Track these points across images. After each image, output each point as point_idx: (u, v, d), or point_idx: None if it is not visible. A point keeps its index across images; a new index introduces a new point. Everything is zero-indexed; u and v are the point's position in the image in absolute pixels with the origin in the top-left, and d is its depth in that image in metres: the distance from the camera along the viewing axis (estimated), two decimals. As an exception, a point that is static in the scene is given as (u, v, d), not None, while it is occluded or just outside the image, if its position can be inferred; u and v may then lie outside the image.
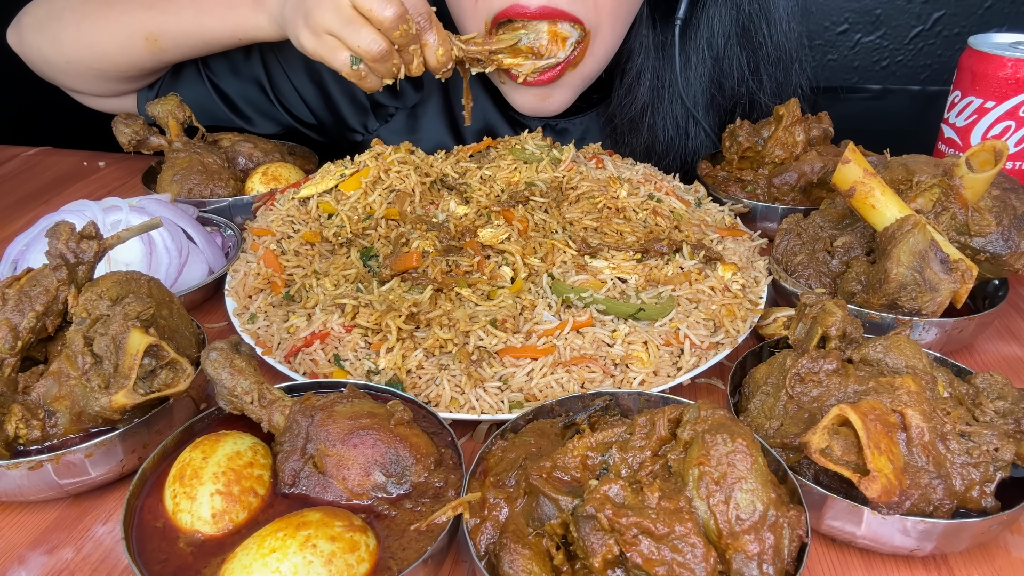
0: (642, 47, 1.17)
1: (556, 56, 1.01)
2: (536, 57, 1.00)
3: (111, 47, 1.18)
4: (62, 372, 0.66)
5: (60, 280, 0.69)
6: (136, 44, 1.16)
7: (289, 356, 0.80)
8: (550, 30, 0.99)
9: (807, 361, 0.66)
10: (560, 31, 0.99)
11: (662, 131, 1.21)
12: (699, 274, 0.88)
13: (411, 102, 1.31)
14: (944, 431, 0.60)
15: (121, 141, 1.19)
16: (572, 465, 0.58)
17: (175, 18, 1.13)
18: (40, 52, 1.23)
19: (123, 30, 1.15)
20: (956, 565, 0.62)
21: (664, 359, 0.78)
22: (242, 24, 1.09)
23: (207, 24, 1.11)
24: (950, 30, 1.50)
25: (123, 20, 1.15)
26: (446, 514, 0.56)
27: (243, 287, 0.91)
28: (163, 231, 0.94)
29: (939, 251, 0.78)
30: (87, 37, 1.18)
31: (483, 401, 0.74)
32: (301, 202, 1.04)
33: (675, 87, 1.18)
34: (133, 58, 1.18)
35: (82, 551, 0.64)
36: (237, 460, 0.60)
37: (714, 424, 0.54)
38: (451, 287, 0.84)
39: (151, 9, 1.14)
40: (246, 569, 0.51)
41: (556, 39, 0.99)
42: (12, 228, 1.19)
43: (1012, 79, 1.01)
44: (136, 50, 1.17)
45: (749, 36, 1.17)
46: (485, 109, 1.29)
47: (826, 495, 0.59)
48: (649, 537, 0.50)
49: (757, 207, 1.09)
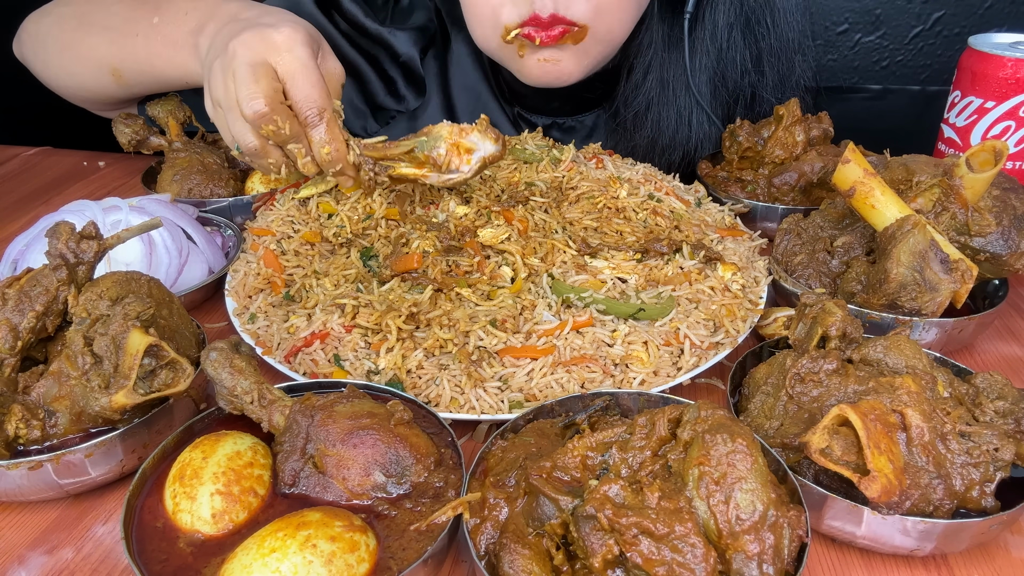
0: (651, 42, 1.17)
1: (460, 170, 0.89)
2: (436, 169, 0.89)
3: (87, 79, 1.18)
4: (62, 372, 0.66)
5: (60, 280, 0.69)
6: (105, 77, 1.15)
7: (289, 356, 0.80)
8: (451, 142, 0.88)
9: (807, 361, 0.66)
10: (464, 143, 0.88)
11: (667, 125, 1.21)
12: (699, 274, 0.88)
13: (413, 106, 1.30)
14: (944, 431, 0.60)
15: (121, 141, 1.19)
16: (572, 465, 0.58)
17: (131, 57, 1.10)
18: (35, 71, 1.25)
19: (93, 63, 1.15)
20: (956, 565, 0.62)
21: (664, 359, 0.78)
22: (184, 68, 1.04)
23: (157, 66, 1.08)
24: (950, 30, 1.50)
25: (92, 54, 1.14)
26: (446, 514, 0.56)
27: (243, 287, 0.91)
28: (163, 231, 0.94)
29: (939, 251, 0.78)
30: (67, 67, 1.18)
31: (483, 401, 0.74)
32: (301, 202, 1.04)
33: (680, 81, 1.17)
34: (107, 89, 1.18)
35: (82, 551, 0.64)
36: (237, 460, 0.60)
37: (714, 424, 0.54)
38: (451, 287, 0.84)
39: (112, 44, 1.12)
40: (246, 569, 0.51)
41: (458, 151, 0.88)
42: (12, 228, 1.19)
43: (1012, 79, 1.01)
44: (106, 82, 1.16)
45: (753, 27, 1.17)
46: (489, 108, 1.29)
47: (826, 495, 0.59)
48: (649, 537, 0.50)
49: (757, 207, 1.09)
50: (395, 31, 1.24)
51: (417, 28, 1.26)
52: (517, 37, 1.04)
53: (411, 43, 1.25)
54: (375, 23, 1.23)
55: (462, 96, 1.29)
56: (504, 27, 1.04)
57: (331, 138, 0.85)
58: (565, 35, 1.04)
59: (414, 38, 1.25)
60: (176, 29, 1.02)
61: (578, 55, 1.09)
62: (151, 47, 1.07)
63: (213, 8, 0.99)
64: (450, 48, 1.29)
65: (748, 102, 1.24)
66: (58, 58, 1.19)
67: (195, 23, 1.00)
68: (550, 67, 1.09)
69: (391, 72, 1.27)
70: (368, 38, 1.24)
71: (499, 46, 1.09)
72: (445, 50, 1.29)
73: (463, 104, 1.30)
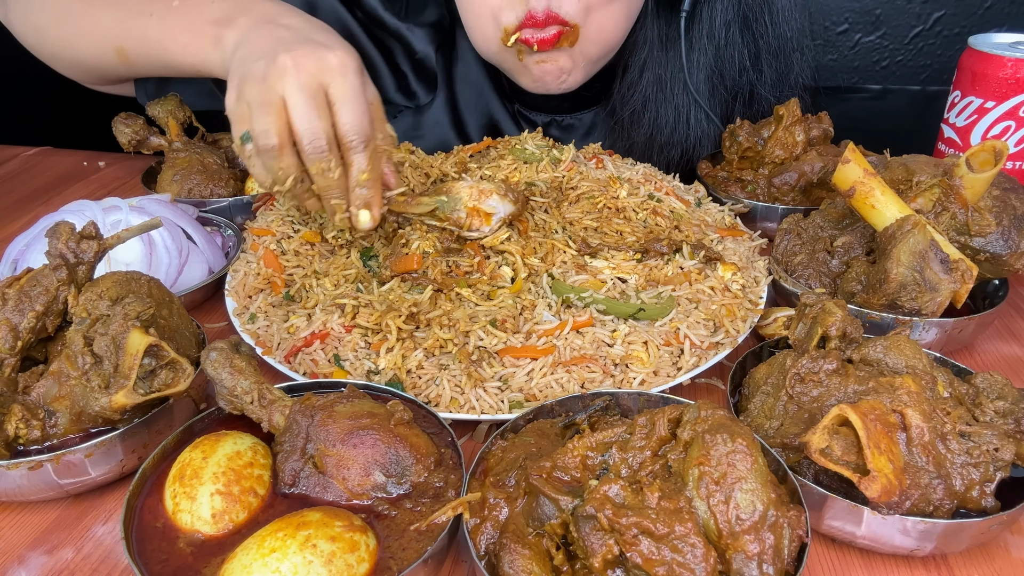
0: (646, 40, 1.17)
1: (481, 230, 0.89)
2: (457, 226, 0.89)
3: (86, 54, 1.13)
4: (62, 372, 0.66)
5: (60, 280, 0.69)
6: (108, 55, 1.10)
7: (289, 356, 0.80)
8: (470, 207, 0.88)
9: (807, 361, 0.66)
10: (483, 208, 0.88)
11: (665, 123, 1.21)
12: (699, 274, 0.88)
13: (423, 102, 1.29)
14: (944, 431, 0.60)
15: (121, 141, 1.19)
16: (572, 465, 0.58)
17: (141, 37, 1.04)
18: (25, 39, 1.18)
19: (95, 39, 1.09)
20: (956, 565, 0.62)
21: (664, 359, 0.78)
22: (201, 57, 0.98)
23: (170, 50, 1.02)
24: (950, 30, 1.50)
25: (95, 30, 1.09)
26: (446, 514, 0.56)
27: (243, 287, 0.91)
28: (163, 231, 0.94)
29: (939, 251, 0.78)
30: (66, 39, 1.12)
31: (483, 401, 0.74)
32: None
33: (678, 79, 1.17)
34: (109, 66, 1.13)
35: (82, 551, 0.64)
36: (237, 460, 0.60)
37: (714, 424, 0.54)
38: (451, 287, 0.84)
39: (121, 23, 1.06)
40: (246, 569, 0.51)
41: (478, 214, 0.88)
42: (12, 228, 1.19)
43: (1012, 79, 1.01)
44: (109, 60, 1.11)
45: (751, 25, 1.17)
46: (491, 104, 1.29)
47: (826, 495, 0.59)
48: (649, 537, 0.50)
49: (757, 207, 1.09)
50: (413, 27, 1.23)
51: (432, 24, 1.25)
52: (516, 43, 1.04)
53: (427, 40, 1.24)
54: (394, 17, 1.22)
55: (465, 92, 1.29)
56: (504, 30, 1.05)
57: (371, 167, 0.83)
58: (560, 37, 1.04)
59: (430, 35, 1.24)
60: (198, 16, 0.97)
61: (575, 58, 1.09)
62: (165, 30, 1.01)
63: (246, 3, 0.95)
64: (456, 44, 1.28)
65: (747, 100, 1.24)
66: (55, 29, 1.12)
67: (222, 13, 0.95)
68: (549, 67, 1.09)
69: (403, 67, 1.26)
70: (386, 32, 1.23)
71: (499, 50, 1.09)
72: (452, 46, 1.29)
73: (467, 100, 1.29)
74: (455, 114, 1.30)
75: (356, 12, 1.21)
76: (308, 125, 0.79)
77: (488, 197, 0.89)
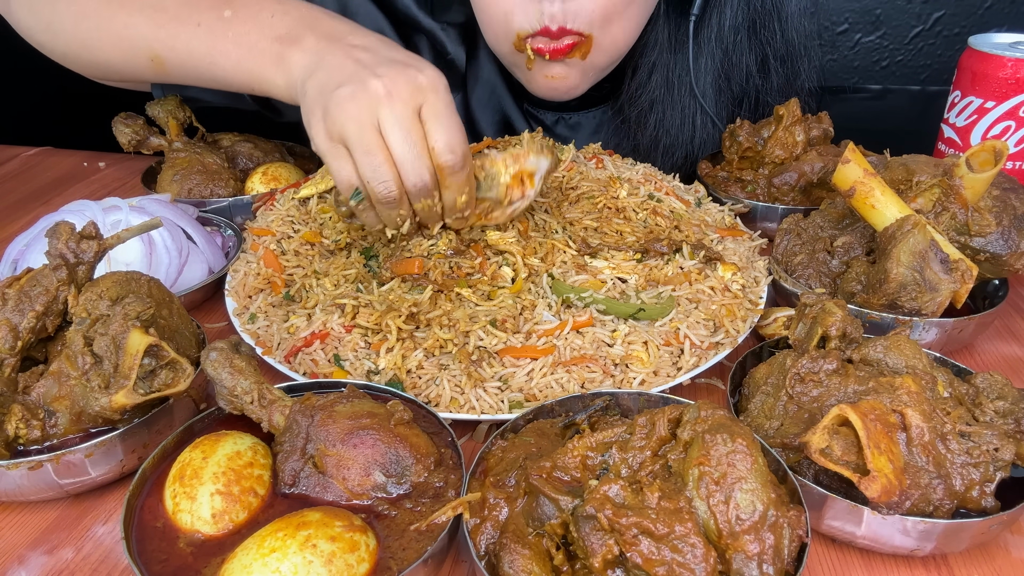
0: (656, 42, 1.17)
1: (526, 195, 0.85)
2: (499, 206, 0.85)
3: (113, 57, 1.04)
4: (62, 372, 0.66)
5: (60, 280, 0.69)
6: (139, 61, 1.01)
7: (289, 356, 0.80)
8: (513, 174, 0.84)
9: (807, 361, 0.66)
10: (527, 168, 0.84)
11: (671, 125, 1.21)
12: (699, 274, 0.88)
13: None
14: (944, 431, 0.60)
15: (121, 141, 1.19)
16: (572, 465, 0.58)
17: (185, 47, 0.96)
18: (32, 36, 1.09)
19: (126, 44, 1.00)
20: (956, 565, 0.62)
21: (664, 359, 0.78)
22: (257, 75, 0.91)
23: (219, 64, 0.94)
24: (950, 30, 1.50)
25: (127, 33, 1.00)
26: (446, 514, 0.56)
27: (243, 287, 0.91)
28: (163, 231, 0.94)
29: (939, 251, 0.78)
30: (86, 40, 1.03)
31: (483, 401, 0.74)
32: (301, 202, 1.04)
33: (685, 82, 1.18)
34: (136, 72, 1.05)
35: (82, 551, 0.64)
36: (237, 460, 0.60)
37: (714, 424, 0.54)
38: (451, 287, 0.84)
39: (160, 28, 0.97)
40: (246, 569, 0.51)
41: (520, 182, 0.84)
42: (12, 228, 1.19)
43: (1012, 79, 1.01)
44: (139, 67, 1.03)
45: (759, 31, 1.17)
46: (504, 103, 1.29)
47: (826, 495, 0.59)
48: (649, 537, 0.50)
49: (757, 207, 1.09)
50: (447, 27, 1.22)
51: (462, 24, 1.24)
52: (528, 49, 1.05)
53: (459, 42, 1.23)
54: (428, 16, 1.21)
55: (479, 90, 1.29)
56: (516, 34, 1.05)
57: (469, 189, 0.80)
58: (573, 48, 1.04)
59: (461, 36, 1.24)
60: (255, 31, 0.90)
61: (584, 68, 1.10)
62: (216, 43, 0.93)
63: (310, 20, 0.89)
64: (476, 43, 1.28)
65: (753, 105, 1.24)
66: (73, 27, 1.03)
67: (285, 30, 0.88)
68: (557, 83, 1.10)
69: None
70: (420, 32, 1.23)
71: (510, 51, 1.09)
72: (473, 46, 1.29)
73: (479, 96, 1.29)
74: (469, 112, 1.31)
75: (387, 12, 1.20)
76: (413, 166, 0.76)
77: (526, 158, 0.84)
